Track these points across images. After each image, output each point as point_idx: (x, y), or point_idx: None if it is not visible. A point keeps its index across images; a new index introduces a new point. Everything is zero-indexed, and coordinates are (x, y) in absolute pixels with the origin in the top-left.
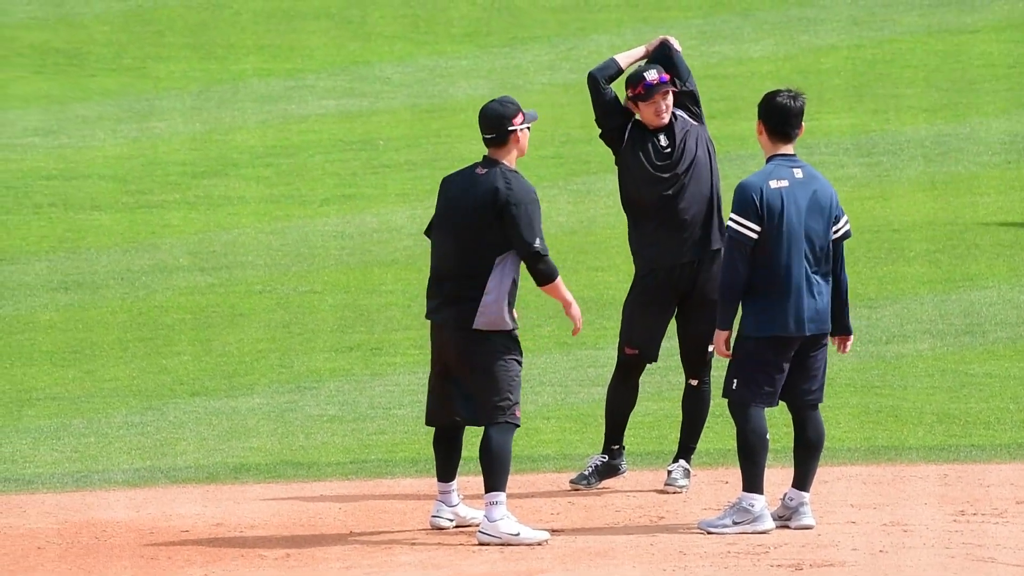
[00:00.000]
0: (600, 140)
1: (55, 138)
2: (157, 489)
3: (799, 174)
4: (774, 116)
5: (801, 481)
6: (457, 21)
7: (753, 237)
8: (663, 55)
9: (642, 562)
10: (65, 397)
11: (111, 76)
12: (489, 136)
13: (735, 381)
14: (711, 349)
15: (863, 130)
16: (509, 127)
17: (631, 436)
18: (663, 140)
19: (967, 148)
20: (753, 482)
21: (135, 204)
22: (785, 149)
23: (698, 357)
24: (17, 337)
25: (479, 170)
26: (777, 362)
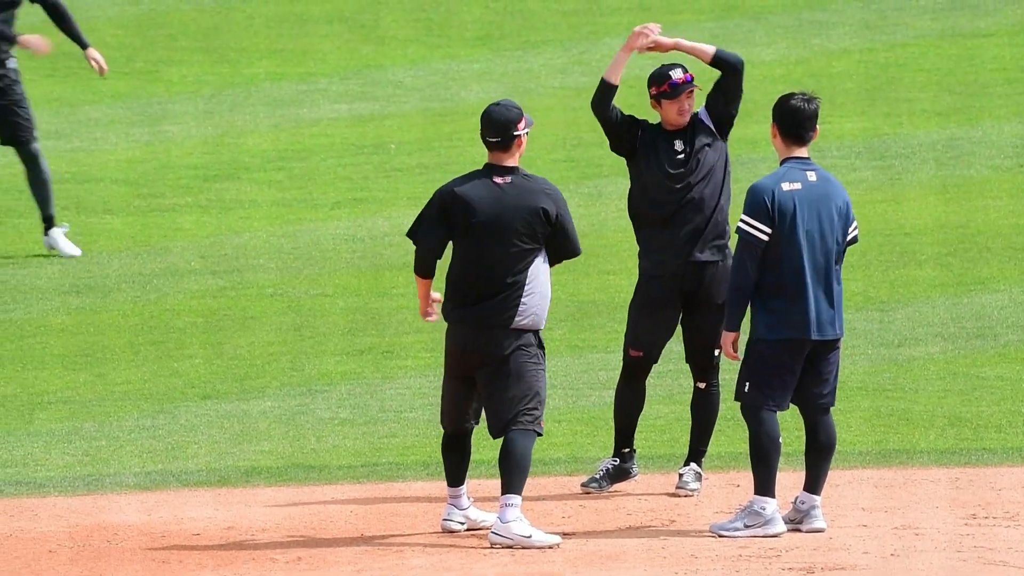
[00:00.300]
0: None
1: (67, 141)
2: (168, 492)
3: (812, 177)
4: (788, 119)
5: (812, 485)
6: (469, 25)
7: (763, 239)
8: (718, 65)
9: (653, 566)
10: (76, 400)
11: (123, 80)
12: (495, 140)
13: (747, 384)
14: (718, 352)
15: (875, 134)
16: (515, 132)
17: (642, 439)
18: (679, 145)
19: (979, 152)
20: (765, 485)
21: (147, 207)
22: (799, 152)
23: (705, 360)
24: (29, 341)
25: (498, 179)
26: (789, 365)
